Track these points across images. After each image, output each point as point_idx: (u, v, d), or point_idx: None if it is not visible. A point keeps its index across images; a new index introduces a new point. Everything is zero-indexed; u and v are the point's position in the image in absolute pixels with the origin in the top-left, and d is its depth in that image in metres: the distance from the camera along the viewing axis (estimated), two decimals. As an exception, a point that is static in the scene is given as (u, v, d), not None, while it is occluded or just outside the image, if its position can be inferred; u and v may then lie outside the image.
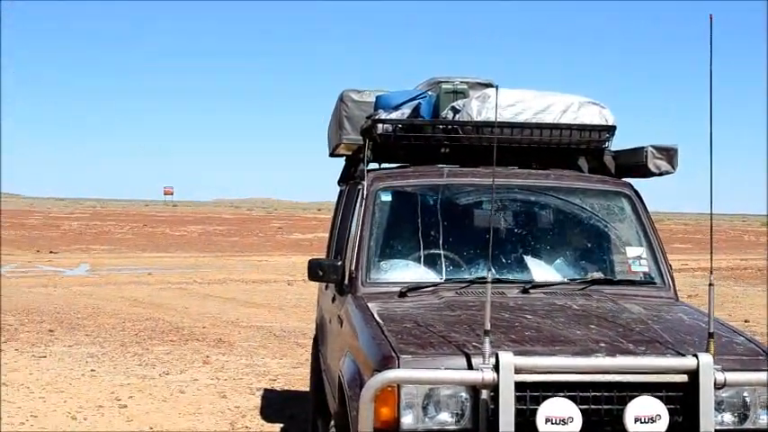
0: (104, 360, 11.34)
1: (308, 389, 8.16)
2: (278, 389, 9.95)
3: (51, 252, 33.24)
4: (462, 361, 3.93)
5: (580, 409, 3.82)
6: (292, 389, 9.92)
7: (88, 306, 16.81)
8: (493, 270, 5.15)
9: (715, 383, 3.89)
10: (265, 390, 9.84)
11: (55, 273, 24.79)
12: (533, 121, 5.82)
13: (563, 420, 3.79)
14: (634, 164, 5.88)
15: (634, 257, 5.51)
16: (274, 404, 9.22)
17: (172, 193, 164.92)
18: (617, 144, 6.06)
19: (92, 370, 10.67)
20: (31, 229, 52.05)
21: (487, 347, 3.83)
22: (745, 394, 4.03)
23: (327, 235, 7.77)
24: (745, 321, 15.47)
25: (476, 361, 3.88)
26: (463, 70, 6.70)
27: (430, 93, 6.21)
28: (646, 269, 5.47)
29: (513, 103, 5.82)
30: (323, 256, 7.37)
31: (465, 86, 6.19)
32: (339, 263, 5.51)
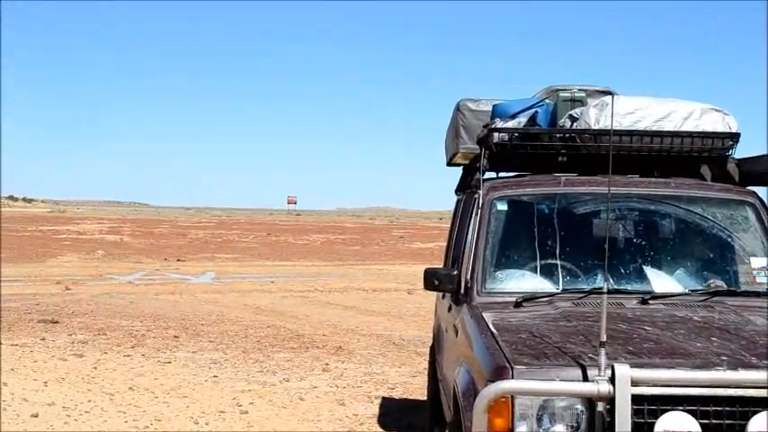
0: (227, 366, 11.55)
1: (425, 398, 8.15)
2: (396, 397, 9.97)
3: (178, 260, 34.08)
4: (577, 372, 3.86)
5: (700, 424, 3.72)
6: (410, 397, 9.93)
7: (212, 313, 17.16)
8: (610, 280, 5.07)
9: (843, 399, 3.74)
10: (383, 398, 9.87)
11: (181, 280, 25.40)
12: (653, 128, 5.72)
13: (682, 435, 3.70)
14: (759, 172, 5.72)
15: (759, 268, 5.35)
16: (392, 413, 9.24)
17: (295, 203, 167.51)
18: (740, 152, 5.91)
19: (214, 376, 10.88)
20: (159, 237, 53.52)
21: (603, 359, 3.76)
22: None
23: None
24: None
25: (591, 373, 3.81)
26: (578, 79, 6.63)
27: (547, 101, 6.16)
28: (772, 280, 5.30)
29: (633, 111, 5.73)
30: (442, 265, 7.37)
31: (583, 94, 6.12)
32: (455, 272, 5.49)
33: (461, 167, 7.34)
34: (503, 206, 5.59)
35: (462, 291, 5.34)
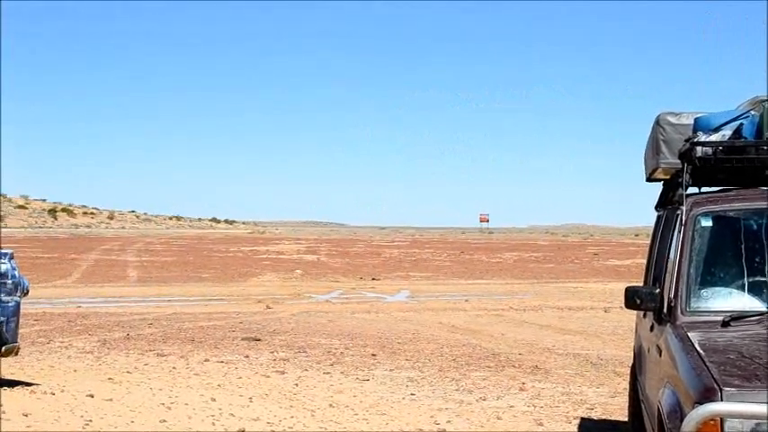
0: (423, 384, 11.63)
1: (626, 419, 7.98)
2: (595, 418, 9.79)
3: (373, 279, 34.62)
4: (791, 395, 3.71)
5: None
6: (610, 418, 9.73)
7: (408, 331, 17.33)
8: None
9: None
10: (582, 419, 9.70)
11: (377, 299, 25.78)
12: None
13: None
14: None
15: None
16: (591, 433, 9.09)
17: (487, 221, 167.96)
18: None
19: (412, 394, 10.97)
20: (354, 257, 54.56)
21: (818, 381, 3.59)
22: None
23: (645, 261, 7.60)
24: None
25: (806, 396, 3.65)
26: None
27: (752, 112, 5.94)
28: None
29: None
30: (641, 283, 7.22)
31: (791, 104, 5.86)
32: (657, 291, 5.38)
33: (662, 183, 7.18)
34: (707, 222, 5.43)
35: (665, 310, 5.23)
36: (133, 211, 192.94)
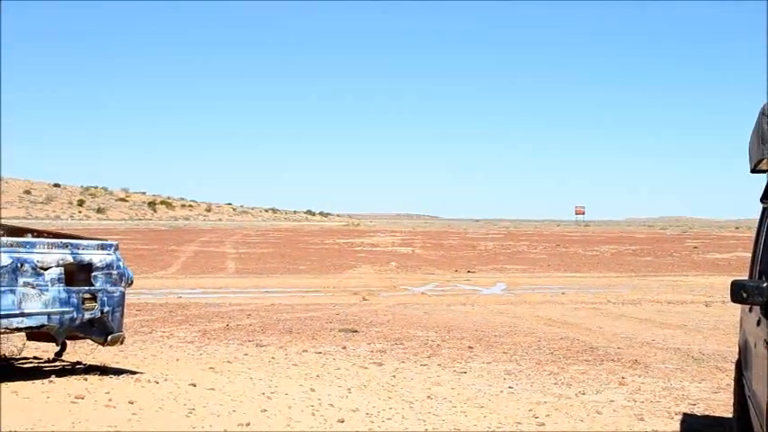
0: (521, 377, 11.58)
1: (730, 415, 7.83)
2: (698, 414, 9.62)
3: (469, 271, 34.55)
4: None
5: None
6: (713, 414, 9.56)
7: (504, 324, 17.27)
8: None
9: None
10: (684, 414, 9.56)
11: (472, 291, 25.72)
12: None
13: None
14: None
15: None
16: (694, 429, 8.93)
17: (583, 213, 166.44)
18: None
19: (509, 387, 10.93)
20: (449, 249, 54.55)
21: None
22: None
23: (750, 255, 7.44)
24: None
25: None
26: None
27: None
28: None
29: None
30: (744, 276, 7.08)
31: None
32: (764, 284, 5.27)
33: (767, 175, 7.01)
34: None
35: (773, 304, 5.11)
36: (230, 204, 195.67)
